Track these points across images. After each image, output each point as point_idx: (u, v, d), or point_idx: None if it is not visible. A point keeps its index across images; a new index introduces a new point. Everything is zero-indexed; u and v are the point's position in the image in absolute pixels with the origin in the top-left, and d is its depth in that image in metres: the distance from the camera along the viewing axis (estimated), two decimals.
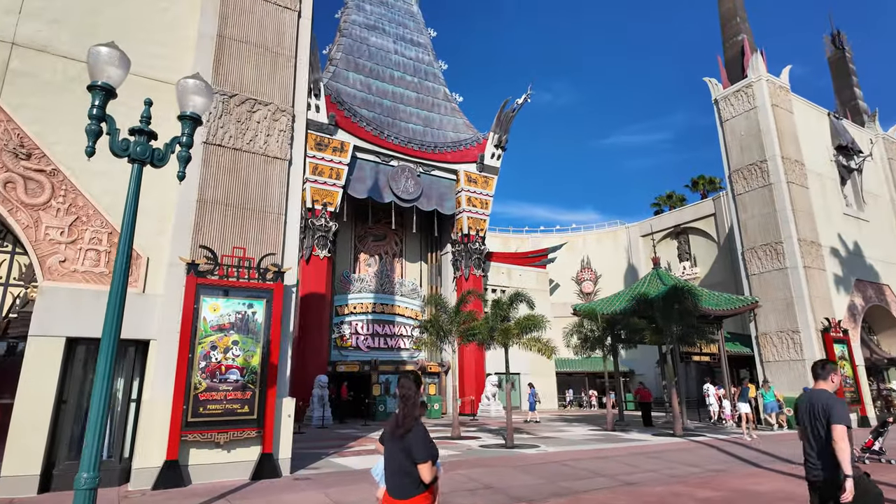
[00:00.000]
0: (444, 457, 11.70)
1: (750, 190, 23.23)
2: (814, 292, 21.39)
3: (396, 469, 3.30)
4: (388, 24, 33.54)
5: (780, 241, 21.89)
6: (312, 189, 26.24)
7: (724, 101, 24.63)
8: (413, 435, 3.22)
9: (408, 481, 3.23)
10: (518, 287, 29.31)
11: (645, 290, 22.06)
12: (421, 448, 3.18)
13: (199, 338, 8.96)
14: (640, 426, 20.37)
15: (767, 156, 22.71)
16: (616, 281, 40.78)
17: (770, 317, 21.94)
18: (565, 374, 36.72)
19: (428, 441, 3.25)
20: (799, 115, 24.61)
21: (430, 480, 3.23)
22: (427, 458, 3.16)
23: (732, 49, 25.68)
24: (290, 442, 9.62)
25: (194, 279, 9.08)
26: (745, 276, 23.30)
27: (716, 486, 8.69)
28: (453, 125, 32.49)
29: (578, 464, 10.81)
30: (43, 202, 8.74)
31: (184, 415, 8.55)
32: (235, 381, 9.10)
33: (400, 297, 30.60)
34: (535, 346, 14.19)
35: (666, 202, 48.85)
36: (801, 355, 20.74)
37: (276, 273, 9.87)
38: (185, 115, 6.20)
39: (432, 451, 3.25)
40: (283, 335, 9.89)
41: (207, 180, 9.93)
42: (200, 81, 6.28)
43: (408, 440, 3.22)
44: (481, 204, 31.32)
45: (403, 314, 30.23)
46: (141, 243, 9.32)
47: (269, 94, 10.93)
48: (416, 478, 3.21)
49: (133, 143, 5.73)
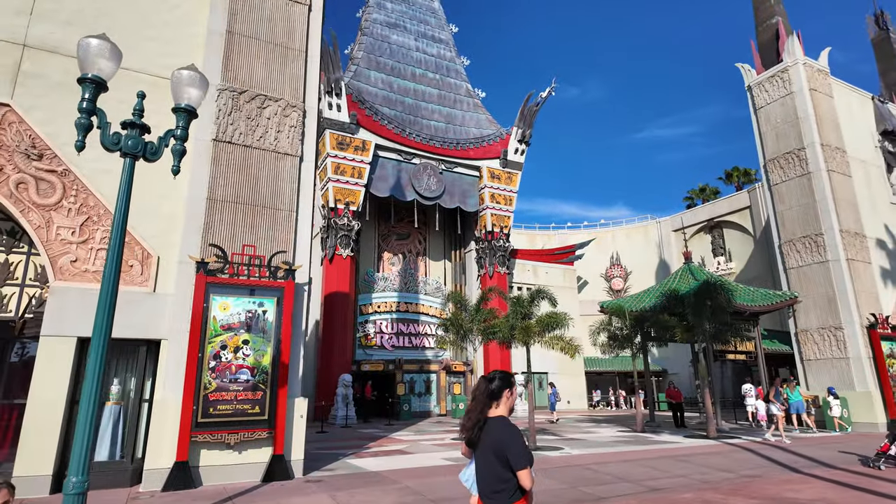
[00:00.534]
0: (461, 458, 11.36)
1: (787, 179, 22.09)
2: (858, 286, 20.18)
3: (490, 475, 3.04)
4: (409, 21, 33.34)
5: (821, 233, 20.74)
6: (335, 188, 26.24)
7: (757, 88, 23.51)
8: (506, 438, 2.97)
9: (504, 488, 2.98)
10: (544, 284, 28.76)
11: (676, 285, 21.23)
12: (519, 453, 2.93)
13: (209, 337, 8.85)
14: (672, 427, 19.61)
15: (805, 143, 21.55)
16: (647, 277, 39.66)
17: (810, 313, 20.81)
18: (595, 373, 35.91)
19: (525, 445, 3.01)
20: (840, 100, 23.31)
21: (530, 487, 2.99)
22: (527, 464, 2.93)
23: (766, 33, 24.49)
24: (302, 443, 9.43)
25: (204, 278, 8.97)
26: (782, 270, 22.19)
27: (750, 493, 8.11)
28: (476, 121, 32.07)
29: (603, 468, 10.32)
30: (54, 202, 8.75)
31: (194, 415, 8.44)
32: (246, 381, 8.95)
33: (424, 296, 30.37)
34: (558, 344, 13.70)
35: (699, 195, 47.28)
36: (845, 353, 19.59)
37: (287, 271, 9.69)
38: (179, 107, 6.02)
39: (530, 455, 3.00)
40: (294, 334, 9.70)
41: (217, 178, 9.83)
42: (195, 73, 6.10)
43: (500, 444, 2.96)
44: (505, 200, 30.82)
45: (428, 313, 29.99)
46: (152, 243, 9.31)
47: (279, 90, 10.78)
48: (512, 485, 2.97)
49: (125, 136, 5.56)
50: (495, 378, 3.20)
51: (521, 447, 2.95)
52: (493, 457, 2.97)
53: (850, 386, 19.23)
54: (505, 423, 3.05)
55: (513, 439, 2.96)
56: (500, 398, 3.13)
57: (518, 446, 2.94)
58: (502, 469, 2.94)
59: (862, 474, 9.77)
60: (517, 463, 2.90)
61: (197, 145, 9.80)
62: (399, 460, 11.20)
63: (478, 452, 3.12)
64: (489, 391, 3.14)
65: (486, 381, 3.21)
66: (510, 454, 2.90)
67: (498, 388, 3.14)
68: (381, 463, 10.76)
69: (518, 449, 2.93)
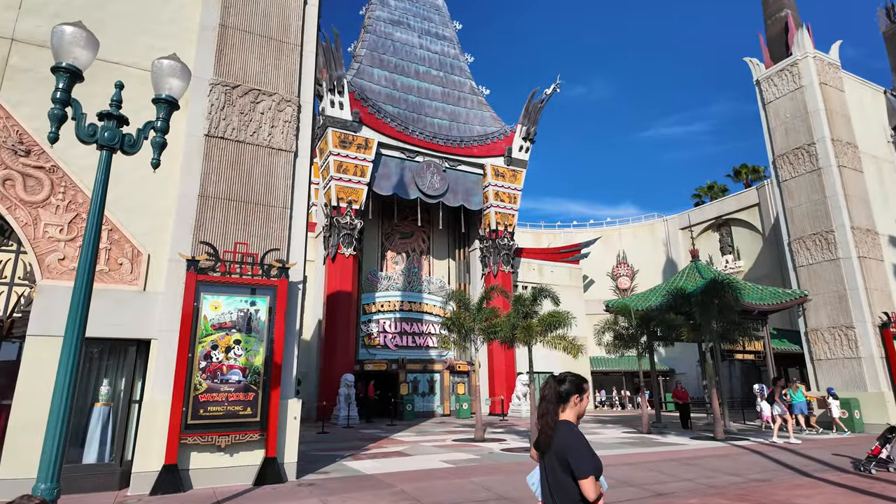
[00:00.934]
0: (462, 461, 11.10)
1: (797, 175, 21.64)
2: (870, 284, 19.72)
3: (553, 483, 2.85)
4: (412, 18, 33.09)
5: (832, 230, 20.28)
6: (337, 187, 26.04)
7: (766, 82, 23.06)
8: (569, 443, 2.77)
9: (566, 498, 2.78)
10: (549, 283, 28.43)
11: (682, 284, 20.85)
12: (581, 460, 2.72)
13: (200, 337, 8.64)
14: (678, 429, 19.24)
15: (816, 138, 21.09)
16: (654, 276, 39.21)
17: (821, 311, 20.36)
18: (601, 373, 35.52)
19: (589, 451, 2.78)
20: (851, 94, 22.81)
21: (595, 498, 2.74)
22: (589, 473, 2.71)
23: (775, 26, 24.03)
24: (296, 445, 9.20)
25: (194, 276, 8.76)
26: (792, 268, 21.74)
27: (758, 499, 7.78)
28: (480, 119, 31.78)
29: (606, 471, 9.95)
30: (42, 199, 8.57)
31: (183, 417, 8.23)
32: (237, 381, 8.74)
33: (428, 295, 30.13)
34: (561, 343, 13.41)
35: (707, 193, 46.74)
36: (857, 353, 19.14)
37: (281, 269, 9.47)
38: (159, 98, 5.79)
39: (595, 462, 2.76)
40: (288, 333, 9.48)
41: (209, 174, 9.62)
42: (176, 62, 5.87)
43: (563, 449, 2.77)
44: (509, 198, 30.51)
45: (431, 312, 29.74)
46: (142, 240, 9.12)
47: (273, 85, 10.56)
48: (574, 494, 2.75)
49: (101, 128, 5.35)
50: (565, 380, 3.01)
51: (584, 453, 2.74)
52: (555, 462, 2.81)
53: (862, 387, 18.78)
54: (570, 427, 2.87)
55: (576, 444, 2.77)
56: (568, 402, 2.95)
57: (581, 452, 2.74)
58: (564, 475, 2.77)
59: (875, 479, 9.41)
60: (579, 470, 2.69)
61: (189, 141, 9.62)
62: (397, 462, 10.96)
63: (545, 457, 2.94)
64: (558, 393, 2.96)
65: (556, 382, 3.01)
66: (572, 460, 2.72)
67: (566, 391, 2.96)
68: (378, 465, 10.52)
69: (581, 455, 2.73)
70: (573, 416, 2.95)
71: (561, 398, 2.94)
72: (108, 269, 8.74)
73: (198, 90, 9.83)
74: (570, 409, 2.94)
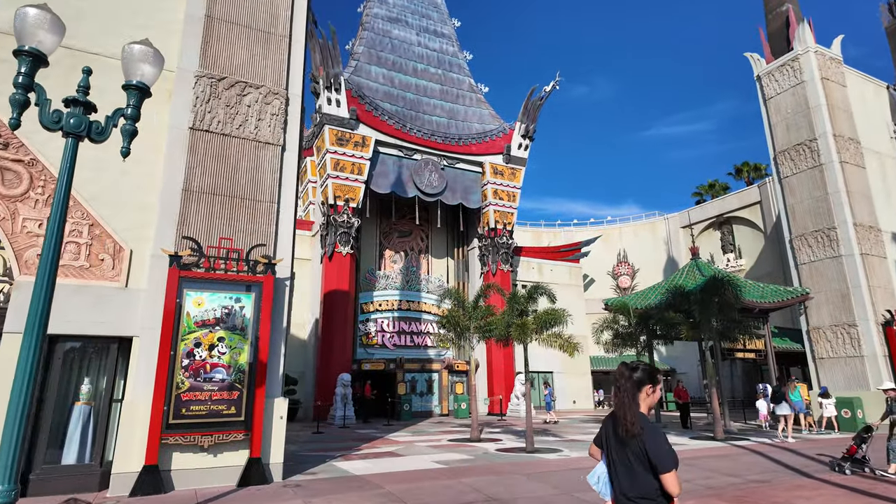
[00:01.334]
0: (455, 461, 10.87)
1: (798, 172, 21.35)
2: (873, 282, 19.43)
3: (628, 479, 2.70)
4: (410, 15, 32.86)
5: (834, 227, 19.99)
6: (334, 185, 25.81)
7: (767, 77, 22.77)
8: (649, 438, 2.66)
9: (643, 493, 2.65)
10: (549, 282, 28.17)
11: (682, 282, 20.59)
12: (663, 454, 2.62)
13: (182, 334, 8.42)
14: (678, 428, 18.98)
15: (817, 134, 20.80)
16: (655, 275, 38.91)
17: (823, 309, 20.07)
18: (602, 372, 35.21)
19: (668, 444, 2.67)
20: (853, 89, 22.51)
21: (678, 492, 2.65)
22: (672, 466, 2.62)
23: (776, 21, 23.74)
24: (282, 445, 8.98)
25: (177, 272, 8.54)
26: (793, 265, 21.45)
27: (756, 501, 7.53)
28: (479, 116, 31.53)
29: None
30: (20, 193, 8.36)
31: (164, 416, 8.01)
32: (221, 380, 8.51)
33: (426, 294, 29.89)
34: (557, 342, 13.16)
35: (708, 191, 46.44)
36: (860, 351, 18.85)
37: (267, 265, 9.25)
38: (130, 84, 5.55)
39: (675, 456, 2.66)
40: (274, 330, 9.26)
41: (194, 168, 9.40)
42: (148, 48, 5.63)
43: (640, 443, 2.66)
44: (508, 197, 30.26)
45: (430, 311, 29.48)
46: (125, 236, 8.91)
47: (260, 77, 10.33)
48: (653, 489, 2.65)
49: (66, 114, 5.12)
50: (637, 368, 2.86)
51: (664, 446, 2.64)
52: (630, 457, 2.69)
53: (865, 385, 18.49)
54: (646, 419, 2.74)
55: (654, 437, 2.65)
56: (640, 392, 2.81)
57: (661, 445, 2.63)
58: (643, 471, 2.65)
59: (878, 480, 9.15)
60: (662, 464, 2.59)
61: (173, 134, 9.40)
62: (388, 463, 10.73)
63: (612, 452, 2.79)
64: (633, 381, 2.82)
65: (629, 370, 2.85)
66: (652, 454, 2.61)
67: (639, 380, 2.82)
68: (368, 466, 10.29)
69: (661, 448, 2.63)
70: (644, 408, 2.82)
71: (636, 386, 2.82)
72: (88, 264, 8.53)
73: (182, 82, 9.62)
74: (641, 400, 2.81)
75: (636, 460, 2.66)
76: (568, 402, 31.58)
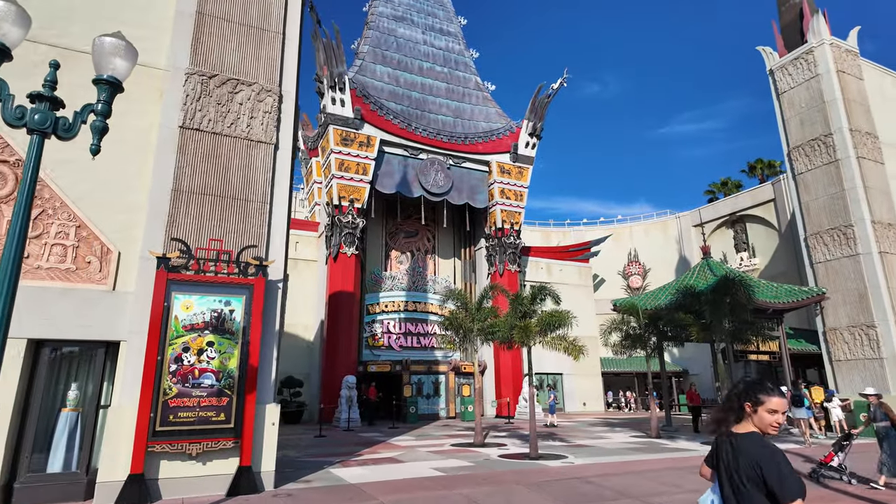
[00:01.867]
0: (455, 468, 10.54)
1: (813, 168, 20.73)
2: (892, 281, 18.78)
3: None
4: (416, 14, 32.59)
5: (851, 224, 19.36)
6: (339, 185, 25.60)
7: (780, 71, 22.16)
8: (765, 458, 2.39)
9: None
10: (558, 283, 27.69)
11: (693, 282, 20.08)
12: (786, 479, 2.31)
13: (170, 339, 8.18)
14: (690, 433, 18.49)
15: (833, 128, 20.17)
16: (666, 274, 38.22)
17: (840, 310, 19.45)
18: (612, 374, 34.66)
19: (793, 470, 2.36)
20: (871, 83, 21.82)
21: None
22: (798, 495, 2.32)
23: (789, 13, 23.10)
24: (273, 453, 8.71)
25: (165, 274, 8.31)
26: (808, 264, 20.84)
27: None
28: (485, 115, 31.17)
29: (605, 480, 9.39)
30: (6, 195, 8.20)
31: (151, 423, 7.78)
32: (210, 386, 8.27)
33: (433, 295, 29.55)
34: (561, 345, 12.78)
35: (720, 189, 45.59)
36: (879, 353, 18.22)
37: (258, 267, 8.99)
38: (100, 78, 5.30)
39: (801, 483, 2.34)
40: (266, 334, 8.99)
41: (184, 168, 9.17)
42: (119, 41, 5.37)
43: (755, 465, 2.39)
44: (515, 196, 29.85)
45: (437, 312, 29.11)
46: (112, 237, 8.70)
47: (253, 74, 10.09)
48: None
49: (31, 110, 4.88)
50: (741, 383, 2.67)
51: (786, 471, 2.33)
52: (744, 483, 2.42)
53: (885, 388, 17.83)
54: (761, 440, 2.48)
55: (773, 460, 2.37)
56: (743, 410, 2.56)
57: (782, 470, 2.34)
58: (762, 498, 2.39)
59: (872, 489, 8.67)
60: (784, 492, 2.29)
61: (162, 133, 9.19)
62: (385, 470, 10.42)
63: (723, 476, 2.53)
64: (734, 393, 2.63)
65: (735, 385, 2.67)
66: (771, 480, 2.33)
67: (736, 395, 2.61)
68: (364, 473, 10.00)
69: (782, 474, 2.33)
70: (752, 427, 2.55)
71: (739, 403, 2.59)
72: (75, 267, 8.33)
73: (172, 80, 9.41)
74: (745, 419, 2.55)
75: (748, 483, 2.39)
76: (578, 404, 31.10)
